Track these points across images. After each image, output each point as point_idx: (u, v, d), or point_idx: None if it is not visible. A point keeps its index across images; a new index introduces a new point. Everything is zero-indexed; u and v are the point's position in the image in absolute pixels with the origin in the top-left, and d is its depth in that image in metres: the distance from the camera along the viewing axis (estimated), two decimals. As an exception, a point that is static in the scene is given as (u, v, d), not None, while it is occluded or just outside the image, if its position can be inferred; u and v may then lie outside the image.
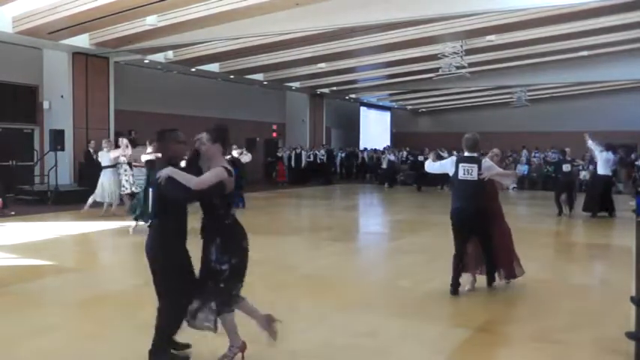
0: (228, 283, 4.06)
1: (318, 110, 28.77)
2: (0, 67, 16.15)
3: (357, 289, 6.79)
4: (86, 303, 6.05)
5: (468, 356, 4.77)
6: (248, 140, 19.89)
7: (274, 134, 27.40)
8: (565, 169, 14.32)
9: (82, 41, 15.40)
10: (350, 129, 32.95)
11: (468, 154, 6.39)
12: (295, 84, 25.05)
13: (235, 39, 16.04)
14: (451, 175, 6.46)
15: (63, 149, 15.02)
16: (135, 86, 19.79)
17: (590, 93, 28.73)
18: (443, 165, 6.65)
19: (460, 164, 6.32)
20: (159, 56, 18.05)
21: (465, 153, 6.42)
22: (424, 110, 35.80)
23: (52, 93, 17.01)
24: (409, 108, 35.30)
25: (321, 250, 9.57)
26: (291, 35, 15.27)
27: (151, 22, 13.27)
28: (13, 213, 12.61)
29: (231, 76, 21.69)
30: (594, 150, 14.07)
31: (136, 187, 12.65)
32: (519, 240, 7.02)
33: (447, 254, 6.49)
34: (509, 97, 29.04)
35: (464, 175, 6.27)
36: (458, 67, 18.89)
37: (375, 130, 34.69)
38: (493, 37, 16.89)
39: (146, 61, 18.49)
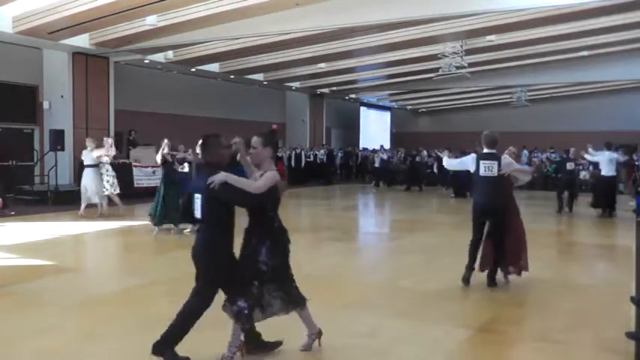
0: (271, 283, 4.17)
1: (318, 110, 28.75)
2: (0, 67, 16.15)
3: (357, 289, 6.78)
4: (86, 303, 6.04)
5: (468, 356, 4.77)
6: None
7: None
8: (569, 167, 14.74)
9: (82, 41, 15.40)
10: (350, 129, 32.91)
11: (487, 150, 6.53)
12: (295, 84, 25.04)
13: (235, 39, 16.03)
14: (472, 172, 6.62)
15: (63, 149, 15.00)
16: (135, 86, 19.79)
17: (590, 93, 28.72)
18: (463, 162, 6.89)
19: (481, 161, 6.48)
20: (159, 56, 18.05)
21: (485, 150, 6.56)
22: (424, 110, 35.80)
23: (52, 93, 17.02)
24: (409, 108, 35.30)
25: (321, 250, 9.57)
26: (291, 35, 15.27)
27: (151, 22, 13.27)
28: (13, 213, 12.60)
29: (231, 76, 21.68)
30: (595, 156, 14.37)
31: (115, 188, 12.62)
32: (519, 240, 7.01)
33: (447, 254, 6.50)
34: (509, 97, 29.04)
35: (485, 172, 6.45)
36: (458, 67, 18.91)
37: (375, 130, 34.61)
38: (493, 37, 16.90)
39: (146, 61, 18.49)
